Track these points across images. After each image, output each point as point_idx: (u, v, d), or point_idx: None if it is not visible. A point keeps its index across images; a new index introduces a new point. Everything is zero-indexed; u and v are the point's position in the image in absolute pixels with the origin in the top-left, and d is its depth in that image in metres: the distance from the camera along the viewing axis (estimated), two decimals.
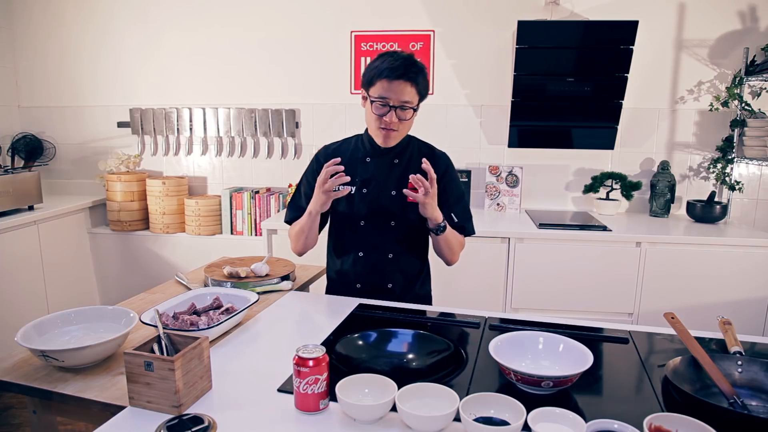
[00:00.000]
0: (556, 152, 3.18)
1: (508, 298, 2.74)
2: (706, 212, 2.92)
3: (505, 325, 1.46)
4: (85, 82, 3.53)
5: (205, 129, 3.43)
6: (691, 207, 2.98)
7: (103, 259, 3.40)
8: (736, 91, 2.91)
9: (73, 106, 3.57)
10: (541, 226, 2.73)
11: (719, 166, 3.02)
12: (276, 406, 1.06)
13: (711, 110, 3.00)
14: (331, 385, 1.03)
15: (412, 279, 1.77)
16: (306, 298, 1.73)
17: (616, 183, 3.10)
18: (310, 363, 1.01)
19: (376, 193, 1.68)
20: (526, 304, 2.73)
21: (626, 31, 2.74)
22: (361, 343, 1.32)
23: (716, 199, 3.00)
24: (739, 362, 1.17)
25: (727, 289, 2.60)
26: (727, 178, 3.00)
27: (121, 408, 1.05)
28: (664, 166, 3.04)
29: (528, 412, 0.94)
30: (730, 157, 2.99)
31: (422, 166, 1.53)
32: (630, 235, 2.63)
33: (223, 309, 1.46)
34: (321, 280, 2.05)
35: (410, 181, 1.52)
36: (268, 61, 3.33)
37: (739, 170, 3.06)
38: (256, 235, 3.30)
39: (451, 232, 1.67)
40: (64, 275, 3.17)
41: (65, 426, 2.42)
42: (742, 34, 2.95)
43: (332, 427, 0.99)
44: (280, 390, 1.11)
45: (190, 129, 3.44)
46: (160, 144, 3.51)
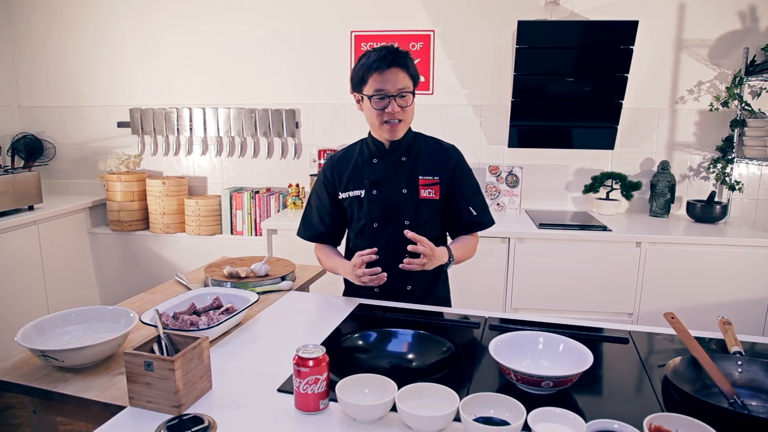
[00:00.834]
0: (556, 152, 3.18)
1: (508, 298, 2.74)
2: (706, 212, 2.92)
3: (505, 325, 1.46)
4: (85, 82, 3.53)
5: (205, 129, 3.43)
6: (691, 207, 2.98)
7: (103, 259, 3.40)
8: (736, 91, 2.91)
9: (73, 106, 3.57)
10: (541, 226, 2.73)
11: (719, 166, 3.02)
12: (276, 406, 1.06)
13: (711, 110, 3.00)
14: (331, 385, 1.03)
15: (432, 280, 1.72)
16: (306, 298, 1.73)
17: (616, 183, 3.10)
18: (310, 363, 1.01)
19: (387, 194, 1.64)
20: (526, 304, 2.73)
21: (626, 31, 2.74)
22: (361, 343, 1.32)
23: (716, 199, 3.00)
24: (739, 362, 1.17)
25: (727, 289, 2.59)
26: (727, 178, 3.00)
27: (121, 408, 1.05)
28: (664, 166, 3.04)
29: (528, 412, 0.94)
30: (730, 157, 2.99)
31: (407, 235, 1.48)
32: (630, 235, 2.63)
33: (223, 309, 1.46)
34: (321, 280, 2.05)
35: (404, 261, 1.50)
36: (268, 61, 3.33)
37: (739, 170, 3.06)
38: (256, 235, 3.29)
39: (461, 249, 1.66)
40: (64, 275, 3.16)
41: (65, 426, 2.42)
42: (742, 34, 2.95)
43: (332, 427, 0.99)
44: (280, 390, 1.11)
45: (190, 129, 3.44)
46: (160, 144, 3.51)
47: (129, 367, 1.03)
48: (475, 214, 1.68)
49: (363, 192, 1.66)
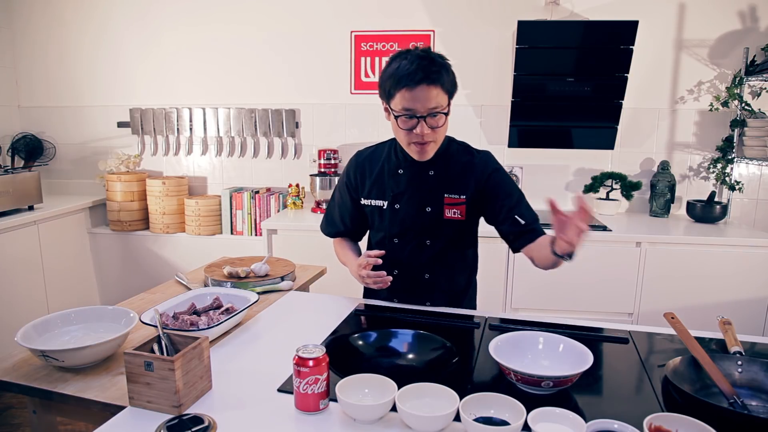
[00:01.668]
0: (556, 152, 3.18)
1: (508, 298, 2.74)
2: (706, 212, 2.92)
3: (505, 325, 1.46)
4: (85, 82, 3.53)
5: (205, 129, 3.43)
6: (691, 207, 2.98)
7: (103, 259, 3.40)
8: (736, 91, 2.91)
9: (73, 106, 3.57)
10: (542, 226, 2.73)
11: (719, 166, 3.02)
12: (276, 406, 1.05)
13: (711, 110, 3.00)
14: (331, 385, 1.03)
15: (455, 298, 1.63)
16: (306, 298, 1.73)
17: (616, 183, 3.10)
18: (310, 363, 1.01)
19: (409, 210, 1.54)
20: (526, 304, 2.73)
21: (626, 31, 2.73)
22: (361, 343, 1.32)
23: (716, 199, 3.00)
24: (739, 362, 1.17)
25: (727, 289, 2.60)
26: (727, 178, 3.00)
27: (121, 408, 1.05)
28: (664, 166, 3.04)
29: (528, 412, 0.94)
30: (730, 157, 2.99)
31: (577, 199, 1.11)
32: (630, 235, 2.63)
33: (223, 309, 1.46)
34: (321, 280, 2.05)
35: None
36: (268, 61, 3.33)
37: (739, 170, 3.06)
38: (256, 235, 3.29)
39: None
40: (64, 275, 3.16)
41: (65, 426, 2.42)
42: (742, 34, 2.95)
43: (332, 427, 0.99)
44: (280, 390, 1.11)
45: (190, 129, 3.44)
46: (160, 144, 3.51)
47: (129, 367, 1.03)
48: (523, 222, 1.51)
49: (385, 204, 1.56)
